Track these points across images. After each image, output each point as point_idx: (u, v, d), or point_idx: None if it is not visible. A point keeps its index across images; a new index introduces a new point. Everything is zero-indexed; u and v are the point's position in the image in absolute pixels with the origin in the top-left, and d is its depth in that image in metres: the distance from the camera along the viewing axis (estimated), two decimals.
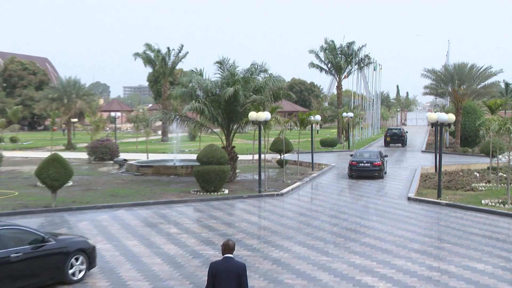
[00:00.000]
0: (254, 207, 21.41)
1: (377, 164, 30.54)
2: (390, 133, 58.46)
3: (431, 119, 23.92)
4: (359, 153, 32.34)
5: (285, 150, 32.37)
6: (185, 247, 14.89)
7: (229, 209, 20.90)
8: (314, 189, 27.14)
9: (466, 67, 46.06)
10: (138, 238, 15.87)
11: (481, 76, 45.68)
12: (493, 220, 18.85)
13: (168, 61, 59.69)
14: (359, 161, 30.62)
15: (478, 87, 46.09)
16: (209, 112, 26.81)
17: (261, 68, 28.58)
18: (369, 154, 31.64)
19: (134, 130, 52.58)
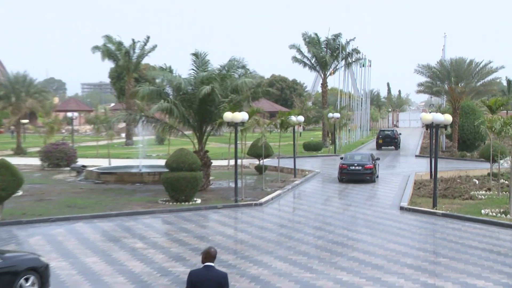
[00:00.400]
0: (229, 219, 21.38)
1: (369, 167, 31.76)
2: (383, 135, 59.61)
3: (425, 120, 24.26)
4: (350, 155, 33.73)
5: (264, 154, 32.46)
6: (152, 263, 14.78)
7: (202, 220, 20.83)
8: (297, 198, 27.21)
9: (464, 62, 46.80)
10: (99, 254, 15.69)
11: (481, 72, 46.45)
12: (494, 231, 19.16)
13: (133, 55, 59.23)
14: (349, 164, 31.98)
15: (477, 84, 46.87)
16: (179, 112, 26.73)
17: (239, 64, 28.67)
18: (360, 157, 33.01)
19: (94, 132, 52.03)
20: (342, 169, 32.02)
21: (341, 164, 32.28)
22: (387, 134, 60.22)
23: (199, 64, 28.37)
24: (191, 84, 27.64)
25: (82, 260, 15.10)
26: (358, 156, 33.51)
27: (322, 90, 63.66)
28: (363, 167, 31.75)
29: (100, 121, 43.98)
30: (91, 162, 39.55)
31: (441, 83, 48.13)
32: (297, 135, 43.55)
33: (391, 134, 60.04)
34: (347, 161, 32.54)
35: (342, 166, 32.03)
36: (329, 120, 51.78)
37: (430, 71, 48.11)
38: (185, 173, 23.57)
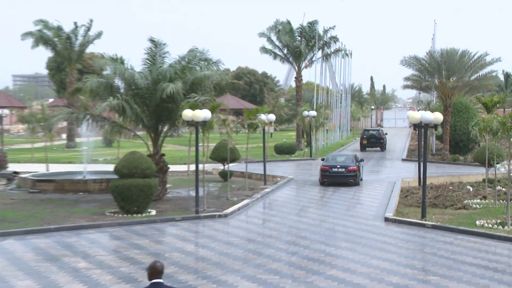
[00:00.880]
0: (189, 233, 21.27)
1: (352, 169, 33.25)
2: (367, 134, 61.00)
3: (413, 120, 24.55)
4: (332, 157, 35.55)
5: (230, 158, 32.43)
6: (98, 286, 14.58)
7: (157, 235, 20.67)
8: (267, 208, 27.24)
9: (456, 54, 47.53)
10: (33, 277, 15.40)
11: (475, 65, 47.27)
12: (490, 245, 19.48)
13: (75, 42, 58.44)
14: (332, 166, 33.56)
15: (471, 79, 47.68)
16: (132, 111, 26.49)
17: (201, 55, 28.62)
18: (344, 158, 34.84)
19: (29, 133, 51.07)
20: (323, 171, 33.42)
21: (322, 166, 33.68)
22: (372, 134, 61.25)
23: (156, 54, 28.16)
24: (147, 78, 27.42)
25: (12, 284, 14.79)
26: (341, 157, 35.01)
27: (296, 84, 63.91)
28: (346, 169, 33.27)
29: (36, 120, 43.22)
30: (25, 167, 38.97)
31: (430, 77, 48.79)
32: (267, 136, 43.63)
33: (377, 134, 61.04)
34: (329, 162, 34.06)
35: (324, 168, 33.43)
36: (304, 119, 52.06)
37: (418, 63, 48.71)
38: (138, 180, 23.40)
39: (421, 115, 23.90)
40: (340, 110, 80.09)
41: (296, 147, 54.69)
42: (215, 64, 28.69)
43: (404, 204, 27.18)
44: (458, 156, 47.41)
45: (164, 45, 28.43)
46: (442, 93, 47.41)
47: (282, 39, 60.35)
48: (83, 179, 31.24)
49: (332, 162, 34.13)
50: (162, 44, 28.38)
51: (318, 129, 57.25)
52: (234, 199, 27.80)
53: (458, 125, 49.93)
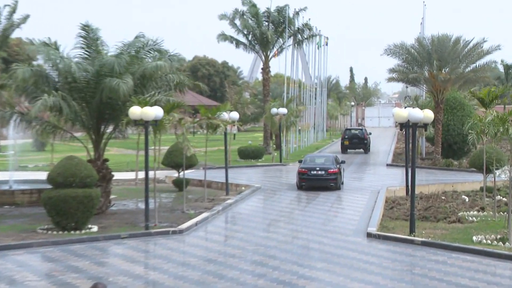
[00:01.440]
0: (138, 252, 21.15)
1: (333, 171, 35.02)
2: (349, 134, 62.26)
3: (399, 118, 24.77)
4: (310, 158, 37.34)
5: (186, 164, 32.31)
6: None
7: (99, 256, 20.52)
8: (230, 222, 27.26)
9: (449, 41, 47.94)
10: None
11: (471, 54, 47.74)
12: (489, 265, 19.71)
13: None
14: (310, 168, 35.36)
15: (466, 70, 48.20)
16: (70, 109, 26.20)
17: (153, 45, 28.52)
18: (323, 160, 36.73)
19: None
20: (301, 174, 35.31)
21: (300, 169, 35.56)
22: (355, 134, 62.30)
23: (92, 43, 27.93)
24: (87, 70, 27.18)
25: None
26: (320, 159, 36.77)
27: (263, 77, 64.04)
28: (327, 172, 35.14)
29: None
30: None
31: (419, 68, 49.23)
32: (229, 138, 43.57)
33: (360, 134, 62.06)
34: (307, 164, 35.86)
35: (302, 171, 35.33)
36: (273, 117, 52.23)
37: (405, 52, 48.99)
38: (76, 190, 23.21)
39: (409, 113, 24.10)
40: (314, 107, 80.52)
41: (264, 150, 54.80)
42: (172, 57, 28.60)
43: (390, 217, 27.40)
44: (452, 160, 47.93)
45: (97, 29, 28.17)
46: (433, 87, 47.90)
47: (248, 24, 60.38)
48: (9, 190, 30.82)
49: (310, 164, 35.75)
50: (95, 29, 28.11)
51: (289, 130, 57.48)
52: (191, 212, 27.72)
53: (451, 124, 50.53)
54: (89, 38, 28.08)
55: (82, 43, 28.08)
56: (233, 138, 71.98)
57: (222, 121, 32.19)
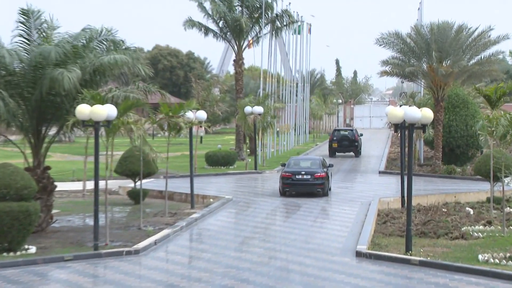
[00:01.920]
0: (85, 277, 20.93)
1: (320, 175, 36.87)
2: (338, 136, 63.36)
3: (393, 118, 24.73)
4: (295, 161, 39.12)
5: (143, 172, 32.08)
6: None
7: (38, 282, 20.26)
8: (196, 240, 27.13)
9: (450, 29, 48.17)
10: None
11: (476, 44, 48.00)
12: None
13: None
14: (295, 172, 37.16)
15: (470, 63, 48.40)
16: (6, 107, 25.85)
17: (107, 35, 28.37)
18: (309, 163, 38.53)
19: None
20: (285, 179, 37.16)
21: (283, 173, 37.47)
22: (344, 136, 63.39)
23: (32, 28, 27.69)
24: (23, 60, 26.92)
25: None
26: (306, 162, 38.61)
27: (235, 70, 63.85)
28: (313, 176, 36.90)
29: None
30: None
31: (416, 60, 49.45)
32: (196, 142, 43.35)
33: (350, 135, 63.04)
34: (292, 168, 37.61)
35: (285, 175, 37.18)
36: (247, 117, 52.11)
37: (401, 42, 49.24)
38: (10, 204, 22.96)
39: (404, 112, 24.08)
40: (296, 106, 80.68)
41: (236, 156, 54.68)
42: (128, 50, 28.41)
43: (383, 233, 27.39)
44: (454, 167, 48.12)
45: (38, 13, 27.91)
46: (432, 82, 48.07)
47: (219, 9, 60.06)
48: None
49: (295, 168, 37.56)
50: (36, 12, 27.85)
51: (265, 132, 57.41)
52: (149, 228, 27.54)
53: (453, 125, 50.77)
54: (29, 24, 27.80)
55: (21, 30, 27.81)
56: (200, 142, 71.79)
57: (186, 122, 32.04)
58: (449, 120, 50.63)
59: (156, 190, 37.59)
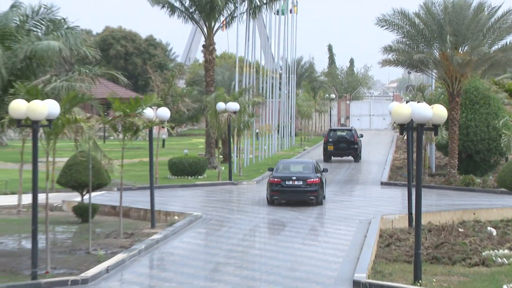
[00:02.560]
0: None
1: (313, 181, 38.34)
2: (334, 137, 64.45)
3: (398, 117, 24.73)
4: (284, 165, 40.97)
5: (92, 183, 32.03)
6: None
7: None
8: (157, 267, 27.15)
9: (468, 8, 47.87)
10: None
11: (500, 27, 47.85)
12: None
13: None
14: (285, 178, 38.86)
15: (492, 49, 48.28)
16: None
17: (46, 13, 28.28)
18: (301, 167, 40.30)
19: None
20: (273, 185, 38.96)
21: (272, 179, 39.15)
22: (342, 137, 64.40)
23: None
24: None
25: None
26: (297, 166, 40.39)
27: (205, 57, 63.66)
28: (305, 182, 38.61)
29: None
30: None
31: (427, 46, 49.36)
32: (157, 146, 43.20)
33: (348, 136, 64.15)
34: (281, 173, 39.44)
35: (274, 181, 38.93)
36: (219, 115, 52.04)
37: (407, 22, 49.00)
38: None
39: (412, 110, 24.11)
40: (279, 102, 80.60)
41: (206, 163, 54.60)
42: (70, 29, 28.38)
43: (386, 258, 27.47)
44: (473, 177, 48.03)
45: None
46: (446, 73, 47.99)
47: None
48: None
49: (285, 173, 39.46)
50: None
51: (242, 134, 57.32)
52: (100, 253, 27.45)
53: (472, 125, 50.74)
54: None
55: None
56: (162, 146, 71.63)
57: (145, 121, 31.99)
58: (466, 119, 50.67)
59: (108, 205, 37.49)
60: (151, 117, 33.45)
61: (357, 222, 35.04)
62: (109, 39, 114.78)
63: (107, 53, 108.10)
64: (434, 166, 56.07)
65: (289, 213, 37.03)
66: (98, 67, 31.18)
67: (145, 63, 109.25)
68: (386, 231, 32.83)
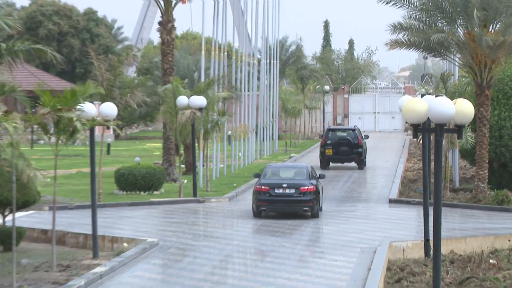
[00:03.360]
0: None
1: (307, 189, 39.88)
2: (334, 138, 66.13)
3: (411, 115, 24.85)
4: (273, 170, 43.34)
5: (17, 201, 32.00)
6: None
7: None
8: None
9: None
10: None
11: None
12: None
13: None
14: (274, 185, 40.47)
15: None
16: None
17: None
18: (293, 173, 42.37)
19: None
20: (261, 193, 40.87)
21: (258, 186, 41.01)
22: (343, 138, 65.83)
23: None
24: None
25: None
26: (289, 171, 42.36)
27: (162, 38, 63.74)
28: (298, 190, 40.02)
29: None
30: None
31: (447, 23, 49.32)
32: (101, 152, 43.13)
33: (351, 137, 65.63)
34: (270, 180, 41.57)
35: (261, 189, 40.78)
36: (180, 112, 52.00)
37: None
38: None
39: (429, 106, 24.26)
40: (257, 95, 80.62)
41: (164, 175, 54.62)
42: None
43: None
44: (508, 193, 48.08)
45: None
46: (473, 59, 48.07)
47: None
48: None
49: (274, 179, 41.59)
50: None
51: (210, 137, 57.37)
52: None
53: (507, 126, 50.62)
54: None
55: None
56: (107, 153, 71.50)
57: (84, 120, 31.98)
58: (499, 118, 50.71)
59: (38, 229, 37.45)
60: (93, 114, 33.41)
61: (359, 250, 35.15)
62: (37, 15, 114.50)
63: (36, 32, 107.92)
64: (458, 179, 56.15)
65: (271, 239, 37.09)
66: (21, 42, 31.08)
67: (84, 45, 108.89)
68: (395, 263, 32.95)
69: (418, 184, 53.31)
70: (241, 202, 48.49)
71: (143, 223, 42.87)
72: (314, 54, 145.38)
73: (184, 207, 48.44)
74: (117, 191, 51.61)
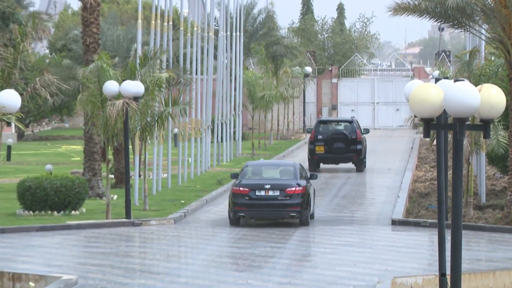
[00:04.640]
0: None
1: (295, 191, 41.51)
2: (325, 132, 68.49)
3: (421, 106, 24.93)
4: (255, 168, 44.84)
5: None
6: None
7: None
8: None
9: None
10: None
11: None
12: None
13: None
14: (255, 187, 42.02)
15: None
16: None
17: None
18: (278, 171, 43.87)
19: None
20: (238, 196, 42.12)
21: (236, 188, 42.01)
22: (338, 133, 67.98)
23: None
24: None
25: None
26: (273, 170, 44.46)
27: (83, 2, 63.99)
28: (283, 192, 41.53)
29: None
30: None
31: None
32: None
33: (348, 132, 67.63)
34: (250, 180, 42.94)
35: (239, 191, 42.10)
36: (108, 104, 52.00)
37: None
38: None
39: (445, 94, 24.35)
40: (213, 80, 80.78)
41: (85, 189, 54.66)
42: None
43: None
44: None
45: None
46: (505, 31, 48.39)
47: None
48: None
49: (255, 180, 42.82)
50: None
51: (150, 136, 57.44)
52: None
53: None
54: None
55: None
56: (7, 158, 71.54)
57: None
58: None
59: None
60: None
61: None
62: None
63: None
64: (485, 192, 56.40)
65: (233, 274, 37.05)
66: None
67: None
68: None
69: (431, 200, 53.57)
70: (192, 224, 48.41)
71: (57, 254, 42.76)
72: (290, 25, 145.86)
73: (113, 232, 48.44)
74: (20, 211, 51.46)
